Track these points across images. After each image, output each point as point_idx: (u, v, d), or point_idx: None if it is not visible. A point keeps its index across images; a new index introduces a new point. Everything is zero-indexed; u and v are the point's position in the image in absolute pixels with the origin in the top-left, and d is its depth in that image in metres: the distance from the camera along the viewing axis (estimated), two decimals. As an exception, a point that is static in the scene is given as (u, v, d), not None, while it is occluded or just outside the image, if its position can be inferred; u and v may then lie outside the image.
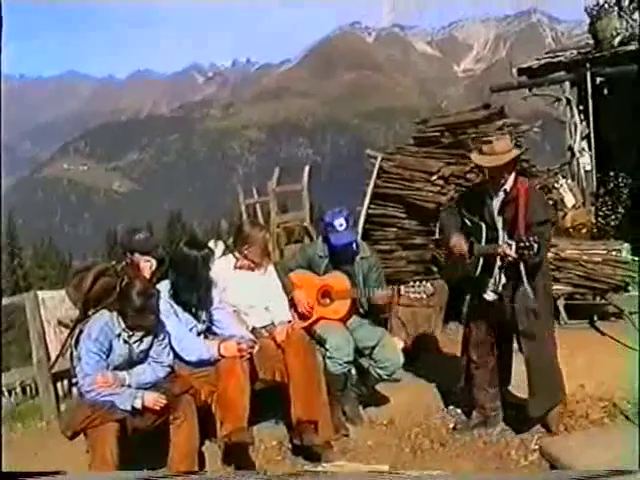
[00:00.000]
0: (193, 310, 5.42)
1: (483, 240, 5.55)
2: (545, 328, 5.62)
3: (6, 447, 5.35)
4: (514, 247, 5.26)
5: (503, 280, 5.61)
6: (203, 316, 5.47)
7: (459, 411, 6.32)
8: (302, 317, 6.10)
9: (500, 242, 5.45)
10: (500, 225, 5.53)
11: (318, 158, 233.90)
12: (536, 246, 5.14)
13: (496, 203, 5.56)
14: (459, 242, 5.61)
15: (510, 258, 5.32)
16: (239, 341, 5.34)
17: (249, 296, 5.85)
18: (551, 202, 9.58)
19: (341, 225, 5.97)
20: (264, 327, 5.85)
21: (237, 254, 5.90)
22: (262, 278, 5.93)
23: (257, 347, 5.41)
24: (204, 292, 5.46)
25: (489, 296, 5.70)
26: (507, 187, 5.53)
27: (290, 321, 5.88)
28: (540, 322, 5.55)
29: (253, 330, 5.75)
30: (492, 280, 5.64)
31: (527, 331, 5.58)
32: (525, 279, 5.37)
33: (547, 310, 5.70)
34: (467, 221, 5.67)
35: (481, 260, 5.57)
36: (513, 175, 5.55)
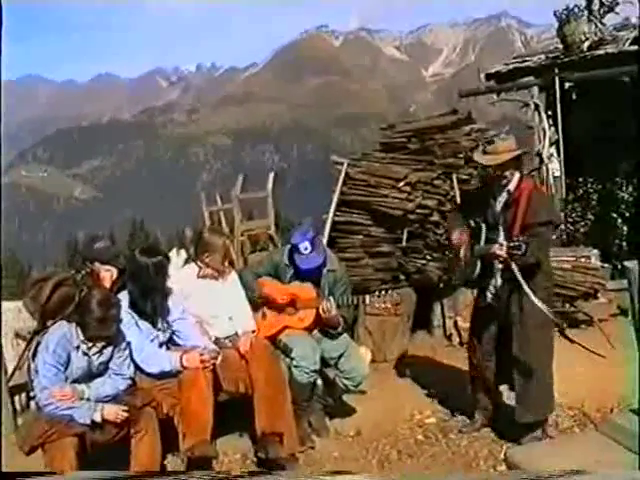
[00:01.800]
0: (149, 320, 5.40)
1: (482, 241, 5.61)
2: (541, 334, 5.62)
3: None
4: (505, 247, 5.32)
5: (500, 282, 5.68)
6: (160, 325, 5.44)
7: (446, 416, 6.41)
8: (270, 326, 6.11)
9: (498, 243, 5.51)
10: (501, 226, 5.60)
11: (285, 164, 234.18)
12: (524, 246, 5.17)
13: (499, 204, 5.63)
14: (459, 236, 5.67)
15: (501, 259, 5.39)
16: (202, 352, 5.33)
17: (212, 306, 5.84)
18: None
19: (306, 249, 5.93)
20: (227, 337, 5.84)
21: (199, 263, 5.89)
22: (225, 287, 5.92)
23: (220, 358, 5.40)
24: (160, 301, 5.42)
25: (488, 298, 5.78)
26: (511, 187, 5.59)
27: (254, 331, 5.88)
28: (535, 326, 5.57)
29: (216, 341, 5.74)
30: (492, 282, 5.72)
31: (520, 335, 5.62)
32: (522, 280, 5.40)
33: (545, 316, 5.69)
34: (472, 222, 5.75)
35: (479, 262, 5.63)
36: (517, 175, 5.61)
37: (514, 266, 5.38)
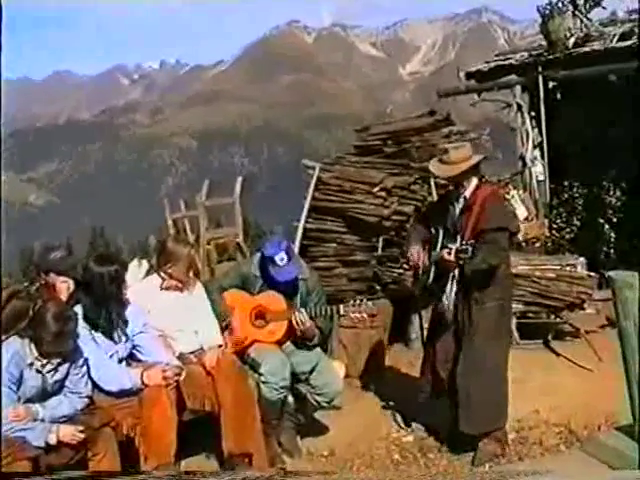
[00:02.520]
0: (106, 333, 5.36)
1: (438, 247, 5.78)
2: (492, 345, 5.75)
3: None
4: (453, 251, 5.48)
5: (454, 289, 5.79)
6: (117, 339, 5.41)
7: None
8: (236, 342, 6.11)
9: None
10: (458, 232, 5.74)
11: (254, 168, 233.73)
12: (470, 249, 5.36)
13: (457, 210, 5.80)
14: (414, 253, 5.86)
15: (450, 263, 5.55)
16: (164, 368, 5.31)
17: (176, 319, 5.83)
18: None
19: (282, 260, 5.98)
20: (192, 352, 5.83)
21: (162, 274, 5.88)
22: (190, 299, 5.92)
23: (184, 374, 5.39)
24: (116, 313, 5.40)
25: (444, 306, 5.88)
26: (467, 194, 5.77)
27: (221, 345, 5.87)
28: (486, 336, 5.67)
29: (180, 356, 5.72)
30: (447, 289, 5.82)
31: (467, 344, 5.74)
32: (454, 286, 5.57)
33: (499, 326, 5.82)
34: (433, 230, 5.94)
35: (433, 268, 5.77)
36: (474, 181, 5.79)
37: (456, 271, 5.58)
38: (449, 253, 5.55)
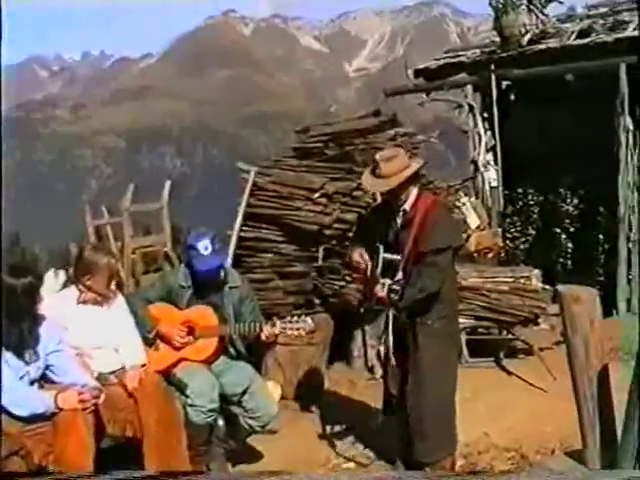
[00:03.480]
0: (16, 352, 5.27)
1: (379, 264, 5.63)
2: (438, 366, 5.75)
3: None
4: (386, 288, 5.46)
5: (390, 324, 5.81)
6: (28, 358, 5.32)
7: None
8: (163, 359, 6.06)
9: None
10: (400, 249, 5.65)
11: (187, 170, 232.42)
12: (400, 290, 5.34)
13: (398, 224, 5.72)
14: (357, 255, 5.78)
15: (382, 300, 5.52)
16: (81, 390, 5.21)
17: (95, 336, 5.75)
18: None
19: (206, 248, 6.00)
20: (113, 372, 5.75)
21: (80, 286, 5.80)
22: (111, 314, 5.84)
23: (103, 397, 5.31)
24: (28, 330, 5.31)
25: (392, 325, 5.87)
26: (406, 206, 5.67)
27: (144, 365, 5.82)
28: (431, 358, 5.70)
29: (99, 376, 5.65)
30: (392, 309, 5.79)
31: (413, 367, 5.77)
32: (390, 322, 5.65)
33: (446, 345, 5.84)
34: (377, 242, 5.77)
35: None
36: (414, 192, 5.68)
37: (392, 311, 5.63)
38: (382, 289, 5.47)
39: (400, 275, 5.54)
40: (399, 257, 5.52)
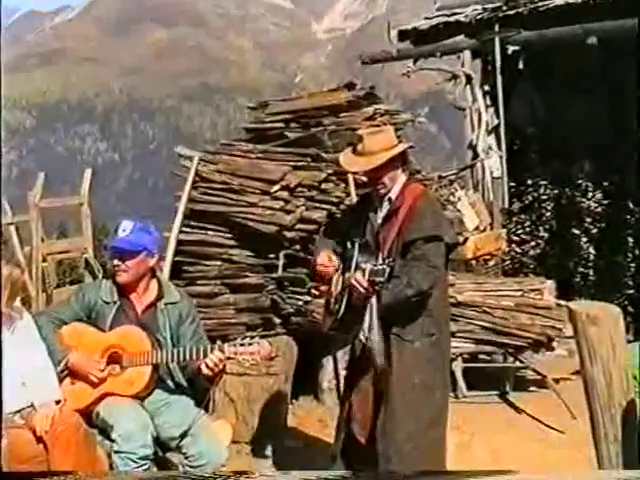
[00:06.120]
0: None
1: (353, 266, 5.69)
2: (424, 396, 5.78)
3: None
4: (367, 274, 5.43)
5: (375, 323, 5.75)
6: None
7: None
8: (83, 394, 6.05)
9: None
10: (379, 248, 5.73)
11: (115, 155, 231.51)
12: (387, 270, 5.33)
13: (379, 218, 5.81)
14: (322, 259, 5.83)
15: (362, 289, 5.49)
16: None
17: (-4, 366, 5.75)
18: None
19: (124, 230, 6.09)
20: (18, 412, 5.74)
21: (-24, 303, 5.79)
22: (15, 338, 5.81)
23: (5, 442, 5.31)
24: None
25: (360, 345, 5.93)
26: (392, 195, 5.77)
27: (59, 401, 5.80)
28: (408, 383, 5.71)
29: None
30: (365, 323, 5.79)
31: (386, 393, 5.78)
32: (375, 318, 5.59)
33: (431, 371, 5.84)
34: (348, 244, 5.85)
35: (346, 295, 5.74)
36: (402, 179, 5.80)
37: (373, 301, 5.59)
38: (362, 275, 5.45)
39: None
40: (380, 263, 5.52)
